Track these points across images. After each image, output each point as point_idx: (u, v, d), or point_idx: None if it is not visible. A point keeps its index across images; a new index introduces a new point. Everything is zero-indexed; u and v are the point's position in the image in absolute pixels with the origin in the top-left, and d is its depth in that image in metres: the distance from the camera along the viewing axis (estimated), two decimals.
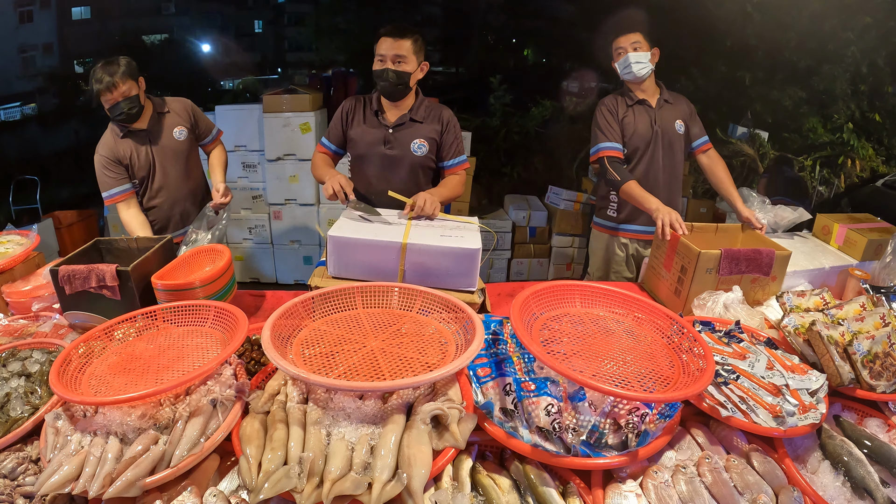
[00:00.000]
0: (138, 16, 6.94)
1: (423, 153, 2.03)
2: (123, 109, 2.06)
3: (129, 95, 2.06)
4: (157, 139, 2.22)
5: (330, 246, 1.51)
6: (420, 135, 2.02)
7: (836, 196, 4.60)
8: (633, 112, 2.29)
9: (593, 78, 6.33)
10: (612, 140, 2.27)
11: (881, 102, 4.72)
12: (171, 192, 2.28)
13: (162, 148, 2.23)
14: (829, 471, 1.06)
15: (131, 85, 2.07)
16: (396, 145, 2.01)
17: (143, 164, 2.21)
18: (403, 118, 2.01)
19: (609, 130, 2.27)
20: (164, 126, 2.24)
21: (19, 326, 1.49)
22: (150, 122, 2.20)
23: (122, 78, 2.03)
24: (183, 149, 2.29)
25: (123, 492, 0.88)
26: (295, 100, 3.80)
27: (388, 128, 2.01)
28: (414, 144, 2.01)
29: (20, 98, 6.59)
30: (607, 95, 2.38)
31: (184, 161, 2.30)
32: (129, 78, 2.06)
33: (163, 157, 2.24)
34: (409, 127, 2.02)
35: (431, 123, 2.04)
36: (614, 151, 2.26)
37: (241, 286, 1.80)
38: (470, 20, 7.04)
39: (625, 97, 2.32)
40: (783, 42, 4.57)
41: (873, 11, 4.32)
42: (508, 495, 0.95)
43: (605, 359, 1.10)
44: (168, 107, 2.28)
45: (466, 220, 1.74)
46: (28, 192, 4.58)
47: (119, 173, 2.17)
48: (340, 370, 1.04)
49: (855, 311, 1.39)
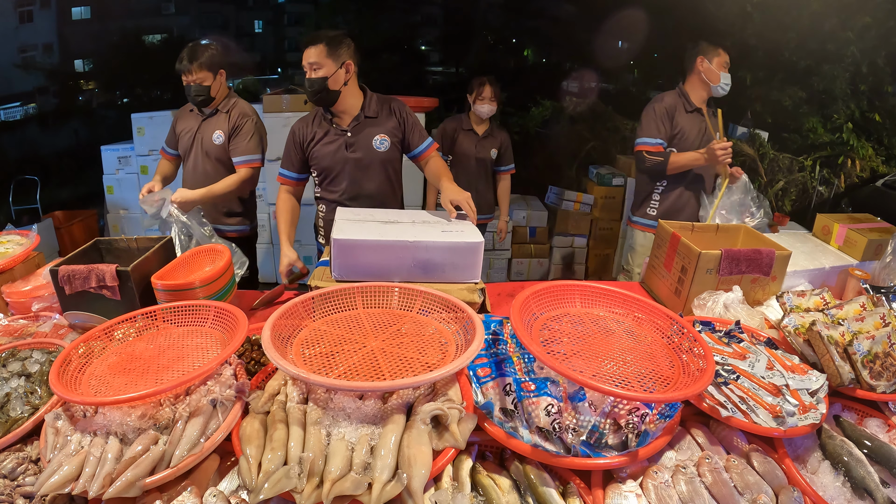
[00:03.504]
0: (138, 16, 6.94)
1: (386, 148, 2.02)
2: (192, 93, 2.26)
3: (201, 83, 2.24)
4: (204, 131, 2.35)
5: (334, 250, 1.49)
6: (378, 131, 2.01)
7: (836, 196, 4.60)
8: (688, 119, 2.41)
9: (593, 78, 6.35)
10: (656, 137, 2.39)
11: (881, 102, 4.72)
12: (193, 183, 2.31)
13: (202, 141, 2.35)
14: (829, 471, 1.06)
15: (206, 75, 2.23)
16: (358, 147, 2.00)
17: (185, 144, 2.39)
18: (358, 119, 2.00)
19: (653, 128, 2.39)
20: (213, 124, 2.34)
21: (19, 326, 1.49)
22: (209, 113, 2.35)
23: (199, 66, 2.21)
24: (216, 153, 2.34)
25: (123, 492, 0.88)
26: (295, 100, 3.81)
27: (346, 132, 2.00)
28: (375, 141, 2.01)
29: (20, 98, 6.59)
30: (666, 93, 2.48)
31: (213, 164, 2.35)
32: (206, 69, 2.22)
33: (199, 148, 2.35)
34: (366, 126, 2.01)
35: (387, 118, 2.04)
36: (656, 147, 2.39)
37: (241, 286, 1.80)
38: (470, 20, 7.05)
39: (683, 101, 2.44)
40: (783, 42, 4.57)
41: (873, 11, 4.32)
42: (508, 495, 0.95)
43: (605, 359, 1.10)
44: (230, 109, 2.35)
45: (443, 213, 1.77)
46: (28, 192, 4.57)
47: (172, 137, 2.45)
48: (340, 370, 1.04)
49: (855, 311, 1.39)
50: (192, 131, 2.36)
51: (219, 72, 2.27)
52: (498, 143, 3.02)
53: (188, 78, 2.22)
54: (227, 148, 2.33)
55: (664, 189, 2.50)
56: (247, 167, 2.32)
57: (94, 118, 6.75)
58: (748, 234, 1.92)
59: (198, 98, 2.26)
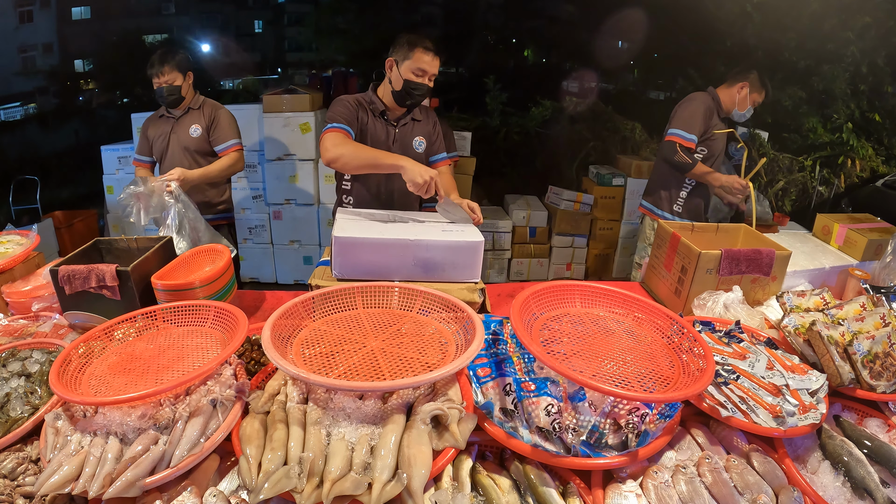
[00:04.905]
0: (138, 16, 6.94)
1: (422, 150, 2.11)
2: (164, 94, 2.41)
3: (172, 84, 2.39)
4: (178, 130, 2.49)
5: (335, 247, 1.50)
6: (419, 133, 2.11)
7: (836, 196, 4.60)
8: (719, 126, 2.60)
9: (593, 78, 6.35)
10: (692, 133, 2.49)
11: (881, 102, 4.72)
12: None
13: (178, 138, 2.49)
14: (829, 471, 1.06)
15: (176, 76, 2.39)
16: (401, 144, 2.07)
17: (160, 146, 2.51)
18: (405, 118, 2.08)
19: (695, 124, 2.50)
20: (188, 120, 2.50)
21: (19, 326, 1.49)
22: (181, 113, 2.50)
23: (170, 67, 2.36)
24: (195, 146, 2.49)
25: (123, 492, 0.88)
26: (295, 100, 3.81)
27: (395, 127, 2.06)
28: (415, 142, 2.09)
29: (20, 98, 6.59)
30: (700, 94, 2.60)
31: (192, 158, 2.49)
32: (176, 70, 2.38)
33: (175, 146, 2.49)
34: (411, 126, 2.09)
35: (425, 122, 2.14)
36: (689, 143, 2.49)
37: (241, 286, 1.80)
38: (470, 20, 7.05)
39: (717, 106, 2.58)
40: (783, 42, 4.58)
41: (873, 11, 4.32)
42: (508, 495, 0.95)
43: (605, 359, 1.10)
44: (201, 105, 2.51)
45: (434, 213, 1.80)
46: (28, 192, 4.57)
47: (144, 145, 2.56)
48: (340, 370, 1.04)
49: (855, 311, 1.39)
50: (165, 133, 2.49)
51: (187, 73, 2.43)
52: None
53: (160, 80, 2.37)
54: (208, 139, 2.49)
55: (692, 189, 2.64)
56: (233, 150, 2.51)
57: (94, 118, 6.74)
58: (748, 234, 1.92)
59: (170, 97, 2.40)
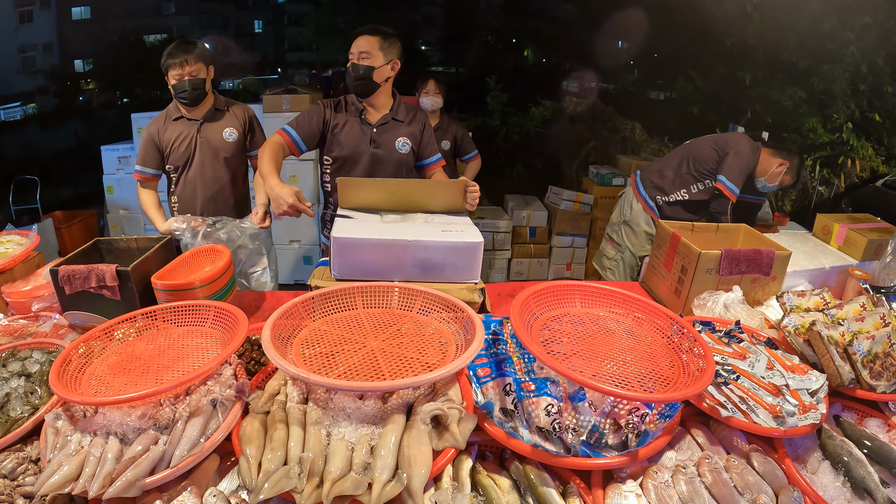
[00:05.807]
0: (138, 16, 6.93)
1: (406, 151, 2.10)
2: (187, 88, 2.11)
3: (196, 77, 2.12)
4: (207, 133, 2.24)
5: (334, 248, 1.49)
6: (402, 133, 2.09)
7: (836, 196, 4.60)
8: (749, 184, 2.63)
9: (593, 78, 6.34)
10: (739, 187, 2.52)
11: (881, 102, 4.73)
12: (203, 189, 2.28)
13: (208, 142, 2.24)
14: (829, 471, 1.06)
15: (201, 67, 2.12)
16: (382, 144, 2.05)
17: (183, 152, 2.23)
18: (386, 118, 2.06)
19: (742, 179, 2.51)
20: (218, 123, 2.26)
21: (19, 326, 1.49)
22: (206, 114, 2.24)
23: (195, 58, 2.09)
24: (228, 150, 2.28)
25: (123, 492, 0.88)
26: (295, 100, 3.81)
27: (373, 127, 2.05)
28: (398, 143, 2.07)
29: (20, 98, 6.58)
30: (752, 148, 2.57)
31: (224, 162, 2.29)
32: (201, 61, 2.12)
33: (205, 151, 2.24)
34: (393, 126, 2.08)
35: (410, 123, 2.12)
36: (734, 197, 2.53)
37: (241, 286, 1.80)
38: (470, 20, 7.04)
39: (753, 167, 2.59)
40: (783, 42, 4.58)
41: (873, 11, 4.32)
42: (508, 495, 0.95)
43: (605, 359, 1.10)
44: (228, 107, 2.31)
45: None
46: (28, 192, 4.57)
47: (153, 156, 2.23)
48: (340, 370, 1.04)
49: (855, 311, 1.39)
50: (189, 137, 2.21)
51: (209, 66, 2.18)
52: (451, 135, 3.34)
53: (182, 71, 2.09)
54: (245, 145, 2.33)
55: None
56: None
57: (94, 118, 6.74)
58: (748, 234, 1.92)
59: (195, 92, 2.13)
